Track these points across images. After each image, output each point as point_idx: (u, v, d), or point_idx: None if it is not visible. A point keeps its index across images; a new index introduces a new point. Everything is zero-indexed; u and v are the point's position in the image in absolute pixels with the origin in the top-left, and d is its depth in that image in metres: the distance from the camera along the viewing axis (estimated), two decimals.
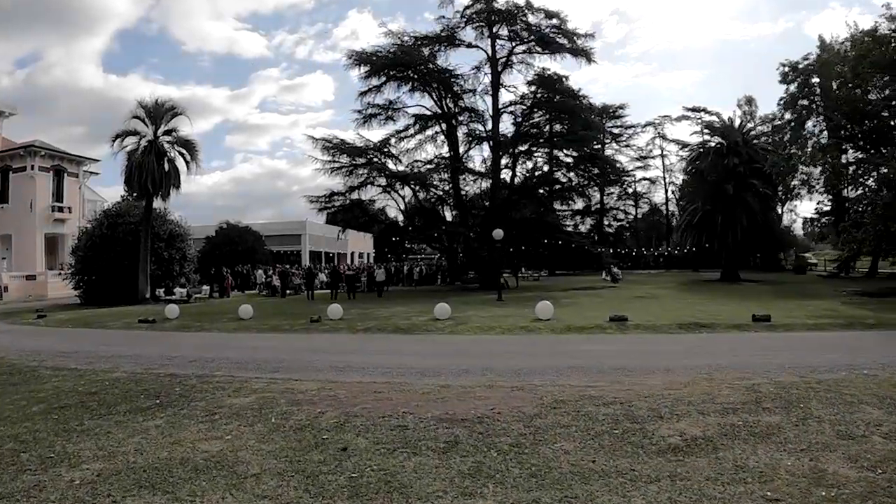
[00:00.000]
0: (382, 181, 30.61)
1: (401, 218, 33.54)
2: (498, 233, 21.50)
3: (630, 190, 59.48)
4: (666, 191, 60.33)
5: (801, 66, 31.43)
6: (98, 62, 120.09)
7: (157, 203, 27.77)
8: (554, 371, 8.19)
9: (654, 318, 14.56)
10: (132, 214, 27.25)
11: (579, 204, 54.96)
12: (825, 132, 31.72)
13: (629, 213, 62.64)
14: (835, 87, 27.89)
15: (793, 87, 32.55)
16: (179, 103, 27.67)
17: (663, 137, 58.09)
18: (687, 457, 4.58)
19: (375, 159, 29.79)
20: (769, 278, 33.42)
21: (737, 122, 37.91)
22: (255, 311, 17.93)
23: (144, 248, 25.61)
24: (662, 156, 59.14)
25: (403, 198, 30.93)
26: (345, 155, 29.38)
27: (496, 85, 30.29)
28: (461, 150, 31.14)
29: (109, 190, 62.42)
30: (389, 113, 31.49)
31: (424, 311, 17.67)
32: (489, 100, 30.61)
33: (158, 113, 26.87)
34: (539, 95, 30.42)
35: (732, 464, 4.39)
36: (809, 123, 32.77)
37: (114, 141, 26.44)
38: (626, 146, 53.23)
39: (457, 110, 30.48)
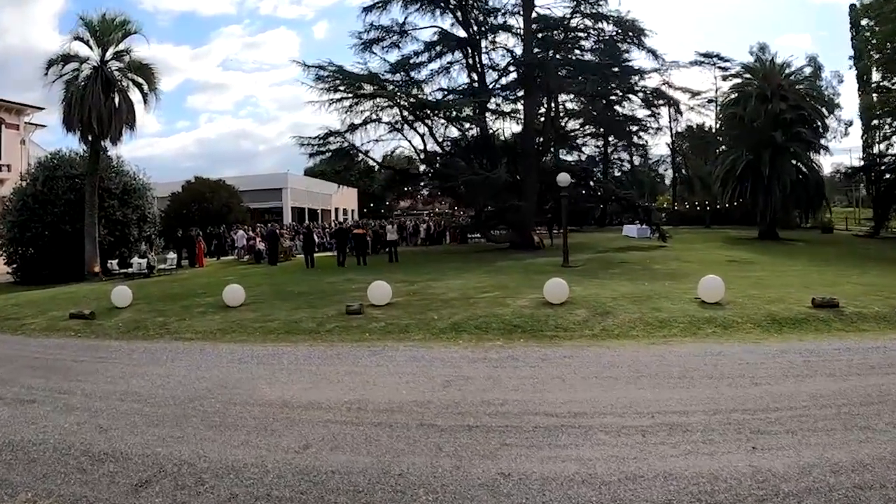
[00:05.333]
0: (387, 118, 24.52)
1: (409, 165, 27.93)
2: (564, 177, 16.64)
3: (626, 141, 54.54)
4: (672, 142, 55.86)
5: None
6: (54, 24, 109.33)
7: (111, 151, 21.97)
8: None
9: (851, 300, 9.97)
10: (75, 166, 21.21)
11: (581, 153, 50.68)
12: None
13: (628, 164, 58.08)
14: None
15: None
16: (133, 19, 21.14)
17: (670, 85, 53.25)
18: None
19: (391, 86, 23.61)
20: (805, 238, 30.08)
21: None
22: (246, 292, 12.06)
23: (91, 208, 19.69)
24: (669, 104, 54.33)
25: (422, 136, 24.87)
26: (343, 85, 23.22)
27: (528, 4, 24.53)
28: (487, 81, 25.38)
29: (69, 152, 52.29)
30: (395, 38, 25.47)
31: (499, 287, 12.49)
32: (519, 22, 24.91)
33: (106, 31, 20.33)
34: (580, 16, 24.82)
35: None
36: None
37: (48, 69, 19.86)
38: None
39: (486, 28, 24.59)
